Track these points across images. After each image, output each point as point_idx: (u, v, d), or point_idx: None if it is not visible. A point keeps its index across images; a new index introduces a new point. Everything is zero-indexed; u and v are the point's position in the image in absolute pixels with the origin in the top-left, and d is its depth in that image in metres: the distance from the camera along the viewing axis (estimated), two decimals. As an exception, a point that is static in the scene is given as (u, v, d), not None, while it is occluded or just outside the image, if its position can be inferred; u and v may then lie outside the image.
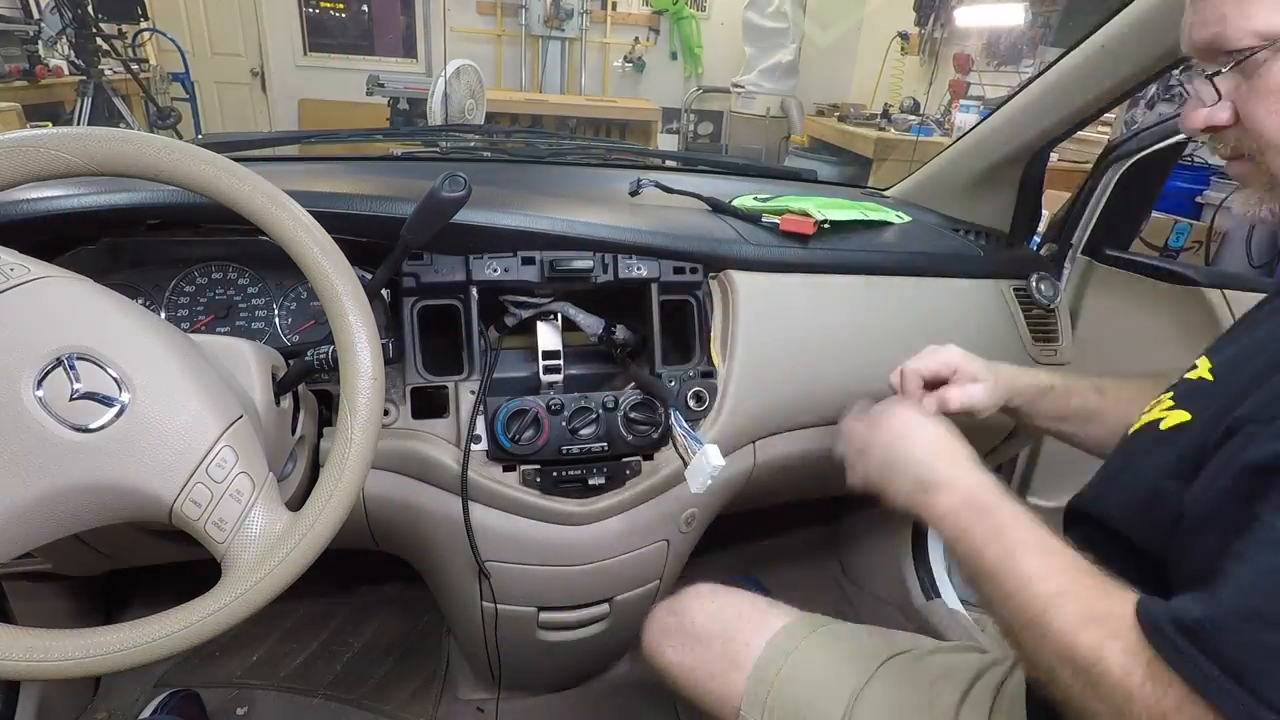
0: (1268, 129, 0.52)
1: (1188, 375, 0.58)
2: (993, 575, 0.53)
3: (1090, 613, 0.46)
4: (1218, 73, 0.53)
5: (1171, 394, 0.57)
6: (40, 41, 3.33)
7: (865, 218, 1.09)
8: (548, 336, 0.88)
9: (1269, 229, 2.32)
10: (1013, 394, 0.80)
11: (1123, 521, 0.56)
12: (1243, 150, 0.55)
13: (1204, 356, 0.61)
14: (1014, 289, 1.10)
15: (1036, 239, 1.23)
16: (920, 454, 0.66)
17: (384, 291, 0.85)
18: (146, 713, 1.12)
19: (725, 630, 0.82)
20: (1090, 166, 1.14)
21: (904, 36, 3.93)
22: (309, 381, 0.80)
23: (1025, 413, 0.81)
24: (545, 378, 0.87)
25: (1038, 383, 0.80)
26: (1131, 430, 0.60)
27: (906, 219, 1.09)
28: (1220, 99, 0.54)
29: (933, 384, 0.80)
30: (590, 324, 0.91)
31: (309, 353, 0.67)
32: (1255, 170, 0.55)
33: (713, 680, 0.80)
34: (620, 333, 0.91)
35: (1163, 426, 0.55)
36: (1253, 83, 0.51)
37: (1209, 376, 0.55)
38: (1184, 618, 0.41)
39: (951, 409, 0.77)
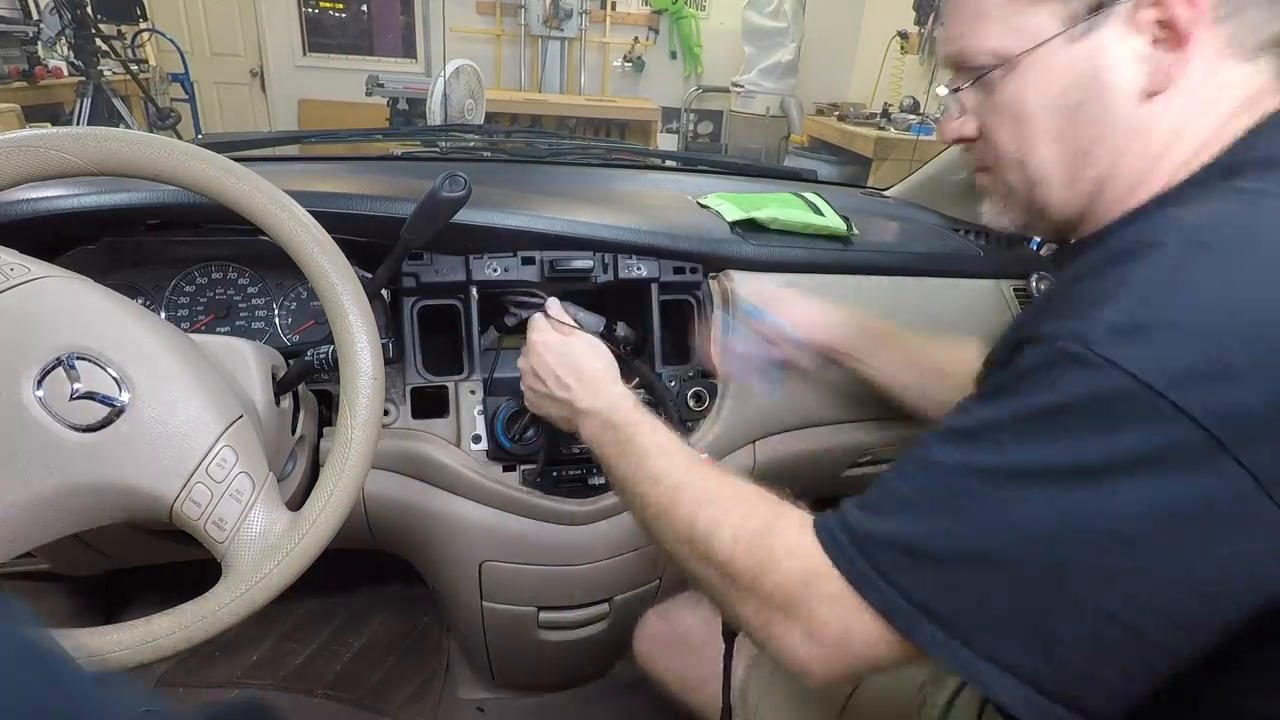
0: (1001, 143, 0.53)
1: None
2: (624, 482, 0.61)
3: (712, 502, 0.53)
4: (959, 88, 0.55)
5: None
6: (39, 42, 3.33)
7: (809, 227, 1.05)
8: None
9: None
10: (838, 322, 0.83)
11: None
12: (987, 164, 0.56)
13: None
14: (1014, 289, 1.10)
15: (1036, 239, 1.23)
16: (566, 379, 0.70)
17: (384, 291, 0.85)
18: None
19: (716, 637, 0.82)
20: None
21: (904, 36, 3.92)
22: (309, 381, 0.81)
23: (858, 359, 0.83)
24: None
25: (856, 319, 0.84)
26: None
27: (854, 232, 1.06)
28: (966, 113, 0.56)
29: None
30: (591, 321, 0.91)
31: (309, 353, 0.67)
32: (995, 182, 0.57)
33: (704, 687, 0.80)
34: (621, 329, 0.91)
35: None
36: (991, 99, 0.53)
37: None
38: (855, 527, 0.45)
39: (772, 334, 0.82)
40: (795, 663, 0.47)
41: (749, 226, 1.02)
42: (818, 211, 1.07)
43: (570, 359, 0.71)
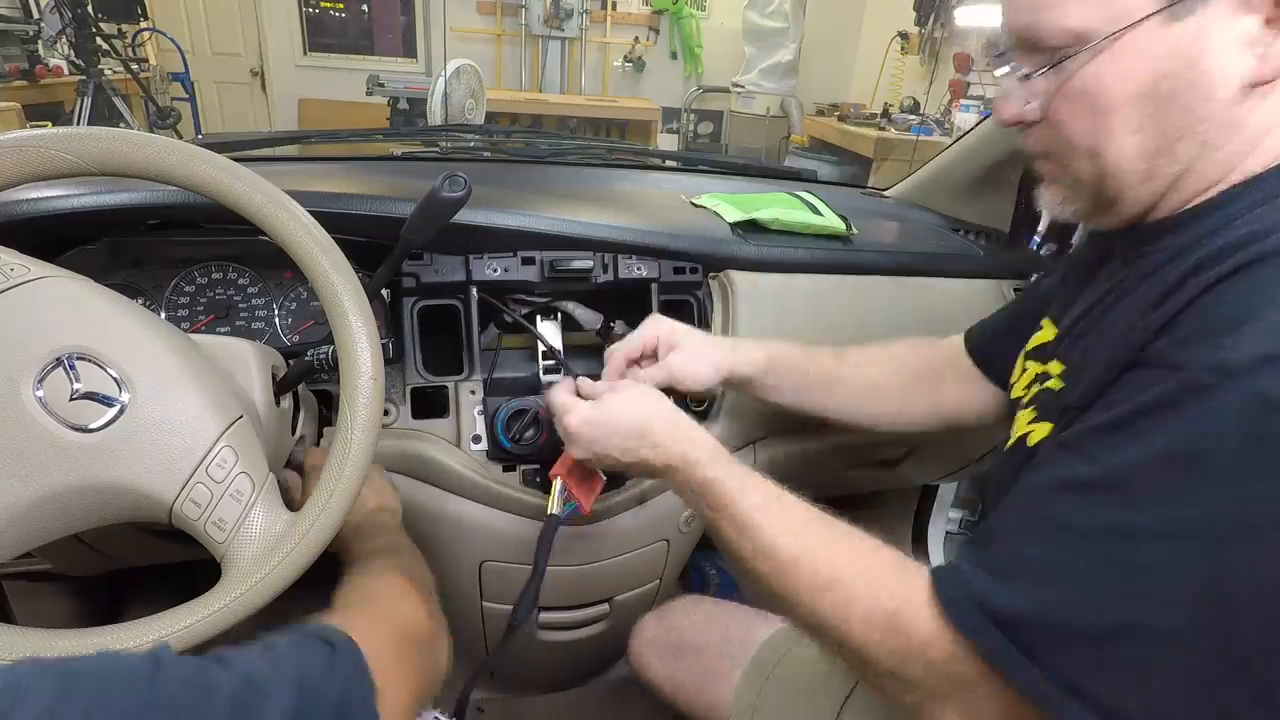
0: (1074, 133, 0.48)
1: (1047, 384, 0.55)
2: (726, 544, 0.55)
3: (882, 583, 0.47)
4: (1028, 74, 0.49)
5: (1034, 407, 0.56)
6: (40, 41, 3.33)
7: (809, 227, 1.04)
8: (549, 335, 0.88)
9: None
10: (730, 362, 0.75)
11: None
12: (1049, 149, 0.51)
13: (1048, 320, 0.62)
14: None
15: (1036, 239, 1.23)
16: (629, 445, 0.63)
17: (384, 291, 0.85)
18: None
19: (712, 642, 0.82)
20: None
21: (904, 36, 3.92)
22: (309, 381, 0.80)
23: (759, 384, 0.77)
24: (545, 378, 0.87)
25: (765, 351, 0.77)
26: (1006, 446, 0.58)
27: (853, 231, 1.05)
28: (1031, 93, 0.49)
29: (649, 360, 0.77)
30: (589, 318, 0.91)
31: (309, 353, 0.67)
32: (1059, 170, 0.51)
33: (700, 692, 0.80)
34: (619, 328, 0.91)
35: (1030, 443, 0.53)
36: (1064, 83, 0.47)
37: (1058, 383, 0.53)
38: (987, 603, 0.41)
39: (655, 384, 0.73)
40: None
41: (750, 227, 1.02)
42: (816, 212, 1.07)
43: (621, 423, 0.63)
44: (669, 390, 0.71)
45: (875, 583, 0.47)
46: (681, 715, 0.83)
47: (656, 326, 0.76)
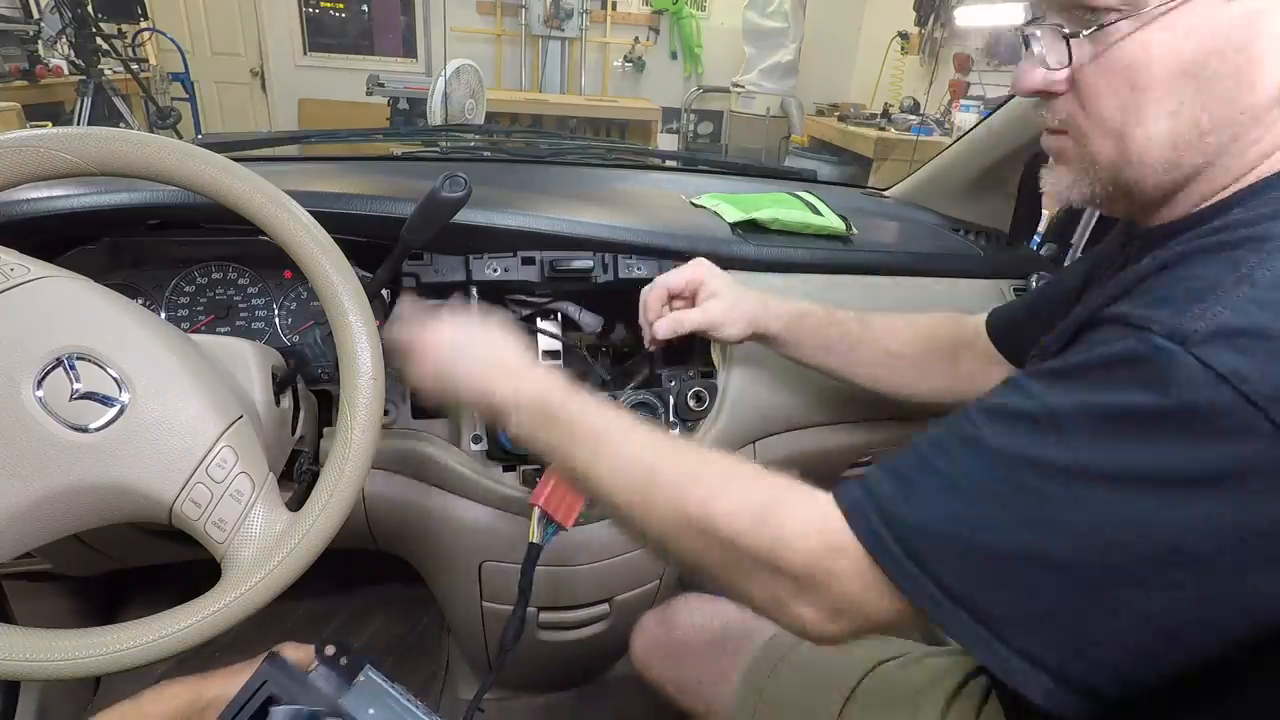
0: (1103, 109, 0.45)
1: None
2: (583, 475, 0.54)
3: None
4: (1069, 34, 0.45)
5: None
6: (40, 41, 3.33)
7: (808, 227, 1.04)
8: (548, 336, 0.89)
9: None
10: (762, 318, 0.77)
11: None
12: (1069, 125, 0.48)
13: None
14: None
15: (1036, 239, 1.23)
16: (475, 370, 0.61)
17: (384, 291, 0.85)
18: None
19: (714, 640, 0.81)
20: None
21: (904, 36, 3.92)
22: (309, 381, 0.80)
23: (784, 340, 0.79)
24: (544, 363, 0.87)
25: (793, 309, 0.78)
26: None
27: (854, 231, 1.04)
28: (1061, 60, 0.46)
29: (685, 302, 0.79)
30: (590, 323, 0.91)
31: (298, 341, 0.67)
32: (1075, 150, 0.48)
33: (702, 691, 0.80)
34: (619, 332, 0.91)
35: None
36: (1102, 54, 0.43)
37: None
38: (889, 508, 0.42)
39: (686, 328, 0.76)
40: (809, 633, 0.45)
41: (749, 227, 1.02)
42: (816, 212, 1.07)
43: (472, 348, 0.62)
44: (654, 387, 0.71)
45: (743, 478, 0.48)
46: (683, 715, 0.83)
47: (700, 269, 0.77)
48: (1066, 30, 0.45)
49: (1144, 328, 0.37)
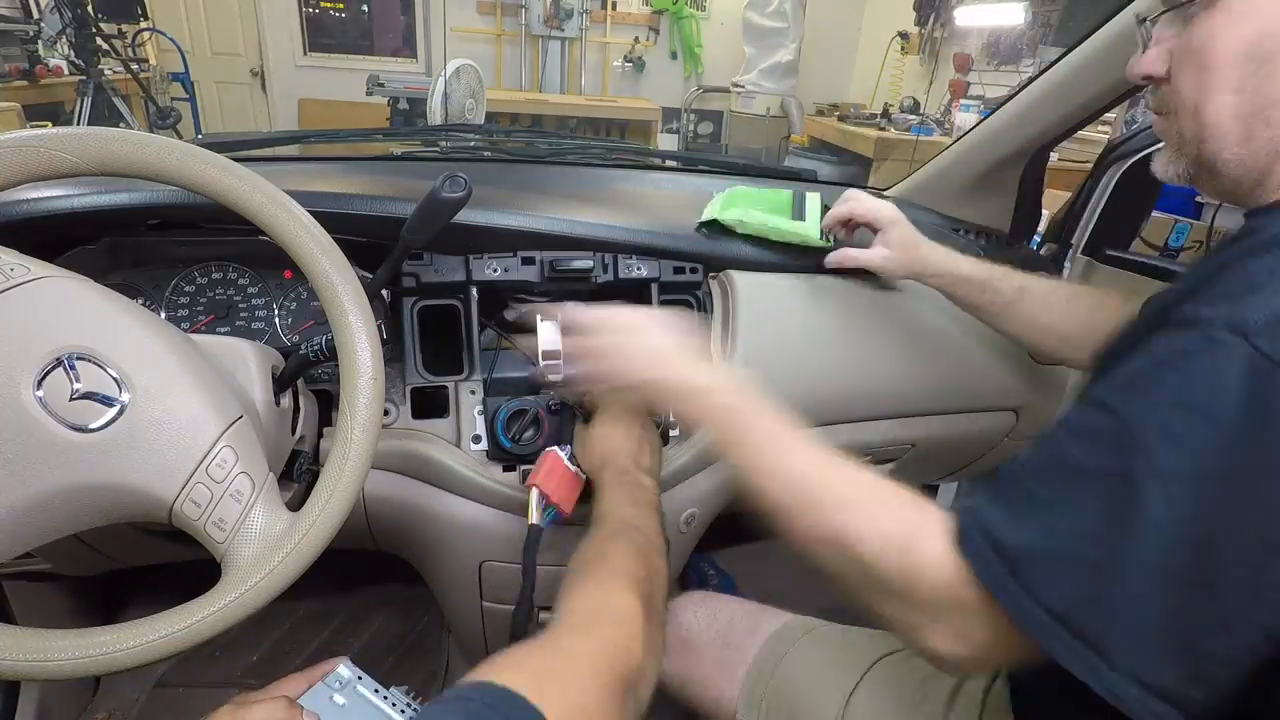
0: (1182, 89, 0.50)
1: None
2: (743, 468, 0.58)
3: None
4: (1161, 12, 0.51)
5: None
6: (40, 41, 3.33)
7: (777, 232, 0.97)
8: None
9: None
10: (924, 269, 0.87)
11: None
12: (1166, 107, 0.52)
13: None
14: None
15: (1036, 239, 1.23)
16: (666, 348, 0.65)
17: (384, 291, 0.85)
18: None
19: (718, 637, 0.82)
20: (1090, 166, 1.14)
21: (904, 36, 3.93)
22: (309, 381, 0.80)
23: (945, 292, 0.88)
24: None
25: (955, 269, 0.85)
26: None
27: (830, 243, 0.98)
28: (1161, 48, 0.51)
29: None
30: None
31: (303, 346, 0.67)
32: (1169, 129, 0.53)
33: (707, 687, 0.80)
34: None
35: None
36: (1184, 35, 0.49)
37: None
38: (996, 536, 0.43)
39: (857, 264, 0.88)
40: (941, 662, 0.47)
41: (714, 228, 0.98)
42: (799, 216, 1.00)
43: (659, 335, 0.65)
44: None
45: (890, 507, 0.50)
46: (688, 711, 0.83)
47: (889, 210, 0.88)
48: (1155, 13, 0.51)
49: (1202, 323, 0.39)
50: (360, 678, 0.61)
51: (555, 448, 0.75)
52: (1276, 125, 0.46)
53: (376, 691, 0.60)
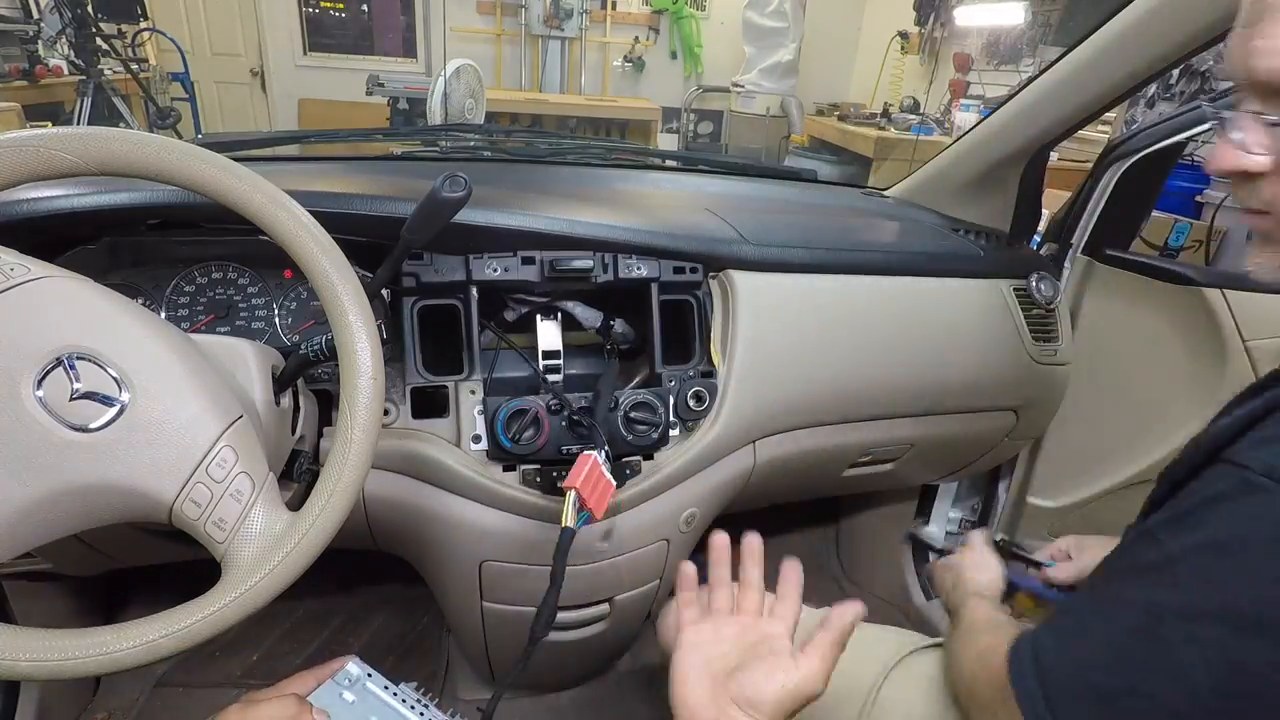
0: None
1: None
2: None
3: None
4: (1275, 121, 0.44)
5: None
6: (40, 41, 3.33)
7: None
8: (548, 335, 0.88)
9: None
10: None
11: None
12: (1273, 207, 0.47)
13: None
14: (1014, 289, 1.10)
15: (1036, 239, 1.23)
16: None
17: (384, 291, 0.85)
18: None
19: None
20: (1090, 166, 1.14)
21: (904, 36, 3.93)
22: (309, 381, 0.80)
23: None
24: (546, 377, 0.87)
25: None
26: None
27: None
28: (1263, 142, 0.45)
29: None
30: (589, 317, 0.91)
31: (303, 345, 0.67)
32: (1274, 228, 0.48)
33: None
34: (618, 326, 0.91)
35: None
36: None
37: None
38: (1039, 649, 0.48)
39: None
40: None
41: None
42: None
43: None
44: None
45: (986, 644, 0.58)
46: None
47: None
48: (1270, 119, 0.44)
49: (1245, 466, 0.39)
50: (370, 674, 0.61)
51: (592, 451, 0.74)
52: None
53: (386, 688, 0.60)
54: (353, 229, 0.78)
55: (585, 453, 0.73)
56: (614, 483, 0.73)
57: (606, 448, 0.76)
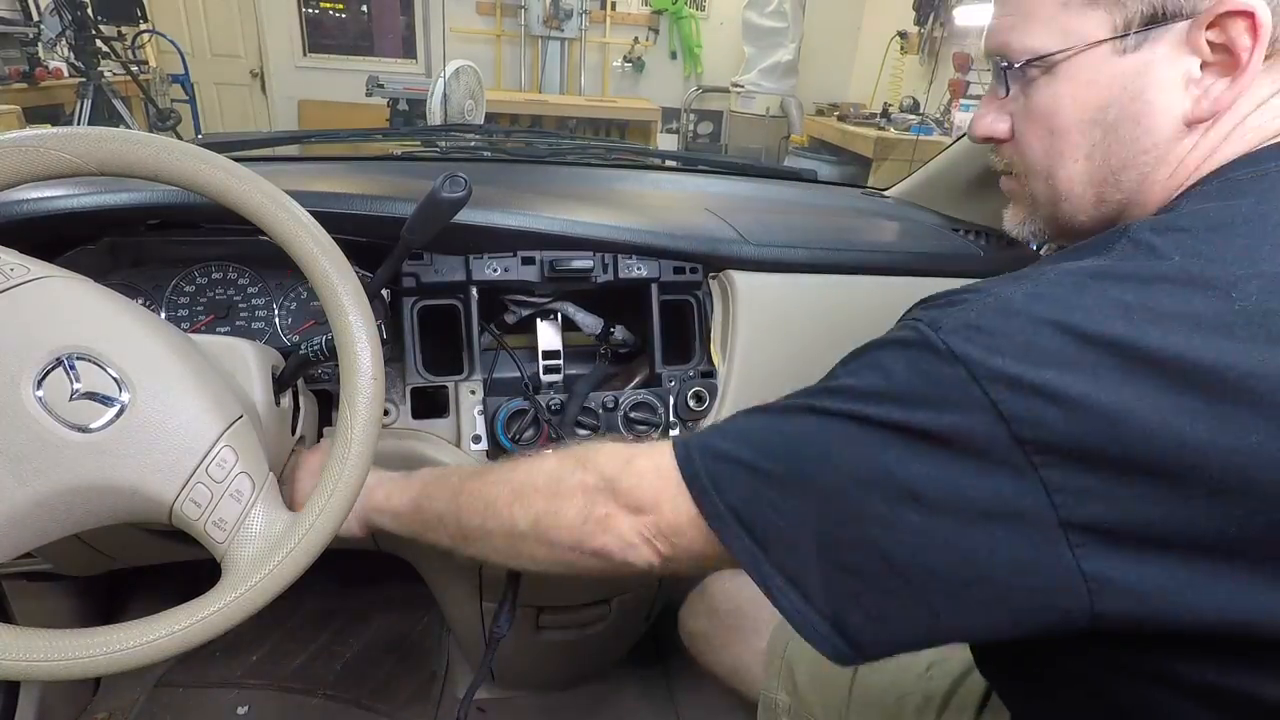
0: (1031, 151, 0.52)
1: None
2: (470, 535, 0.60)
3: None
4: (1005, 86, 0.52)
5: None
6: (40, 43, 3.34)
7: None
8: (548, 336, 0.89)
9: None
10: None
11: None
12: (1013, 168, 0.55)
13: None
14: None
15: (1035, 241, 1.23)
16: None
17: (384, 291, 0.85)
18: None
19: (739, 608, 0.86)
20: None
21: (904, 36, 3.92)
22: (309, 381, 0.81)
23: None
24: (545, 377, 0.87)
25: None
26: None
27: None
28: (1002, 111, 0.53)
29: None
30: (590, 323, 0.91)
31: (303, 345, 0.67)
32: (1021, 189, 0.55)
33: (725, 649, 0.85)
34: (619, 333, 0.91)
35: None
36: (1028, 102, 0.50)
37: None
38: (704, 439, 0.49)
39: None
40: (634, 562, 0.51)
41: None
42: None
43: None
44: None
45: (558, 465, 0.57)
46: (709, 673, 0.87)
47: None
48: (1001, 89, 0.52)
49: (917, 319, 0.44)
50: None
51: (551, 449, 0.74)
52: (1123, 187, 0.49)
53: None
54: (353, 229, 0.78)
55: (544, 451, 0.74)
56: None
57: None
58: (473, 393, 0.83)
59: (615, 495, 0.52)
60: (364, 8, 4.56)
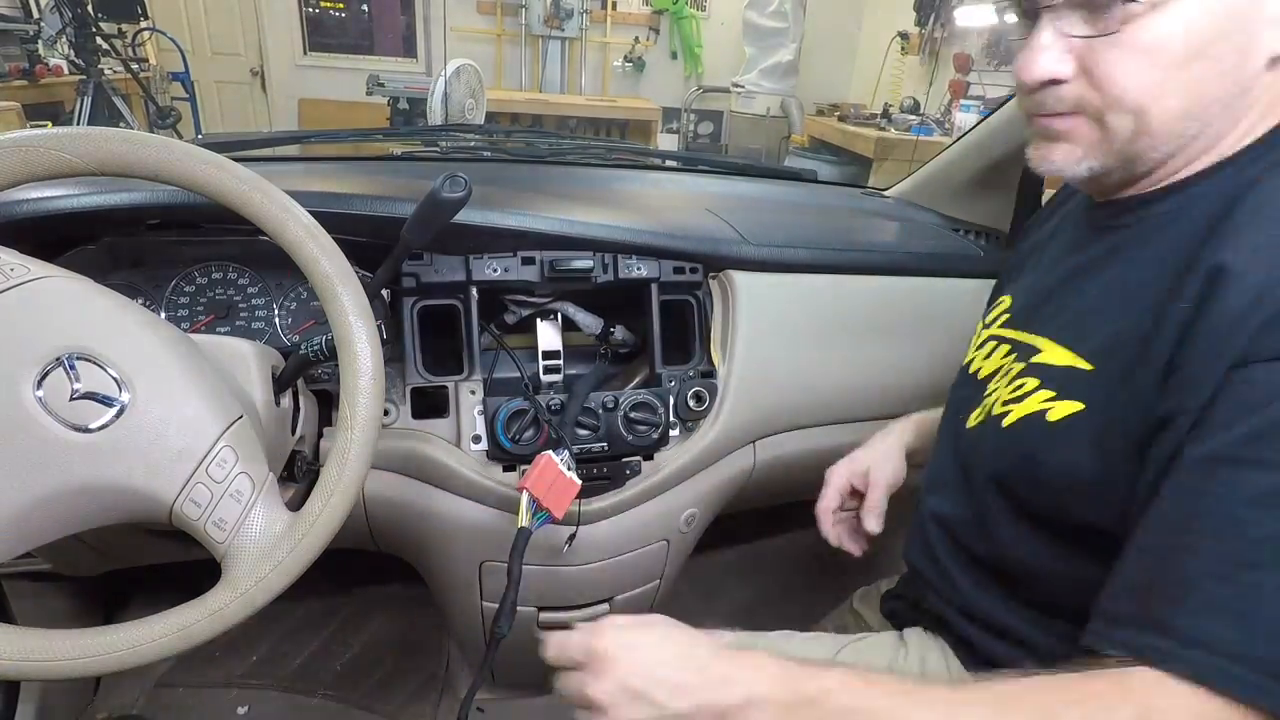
0: (1125, 89, 0.48)
1: (1050, 360, 0.57)
2: None
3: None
4: (1086, 20, 0.48)
5: (1038, 379, 0.57)
6: (40, 41, 3.33)
7: None
8: (548, 336, 0.88)
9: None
10: (907, 445, 0.85)
11: (1042, 506, 0.56)
12: (1084, 108, 0.51)
13: (1007, 296, 0.69)
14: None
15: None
16: (697, 664, 0.49)
17: (384, 291, 0.85)
18: None
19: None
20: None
21: (904, 36, 3.92)
22: (309, 381, 0.80)
23: (916, 451, 0.85)
24: (545, 377, 0.87)
25: (913, 426, 0.86)
26: (1006, 423, 0.58)
27: None
28: (1068, 49, 0.50)
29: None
30: (590, 323, 0.91)
31: (302, 346, 0.67)
32: (1088, 127, 0.51)
33: None
34: (619, 333, 0.91)
35: (1051, 418, 0.54)
36: (1119, 37, 0.47)
37: (1081, 364, 0.54)
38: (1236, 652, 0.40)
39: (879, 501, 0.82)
40: None
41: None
42: None
43: (672, 657, 0.49)
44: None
45: (1091, 695, 0.43)
46: None
47: (840, 478, 0.83)
48: (1078, 34, 0.49)
49: None
50: None
51: (551, 451, 0.74)
52: (1210, 122, 0.48)
53: None
54: (353, 229, 0.78)
55: (542, 454, 0.74)
56: (577, 482, 0.73)
57: (571, 448, 0.77)
58: (473, 393, 0.83)
59: None
60: (364, 6, 4.56)
